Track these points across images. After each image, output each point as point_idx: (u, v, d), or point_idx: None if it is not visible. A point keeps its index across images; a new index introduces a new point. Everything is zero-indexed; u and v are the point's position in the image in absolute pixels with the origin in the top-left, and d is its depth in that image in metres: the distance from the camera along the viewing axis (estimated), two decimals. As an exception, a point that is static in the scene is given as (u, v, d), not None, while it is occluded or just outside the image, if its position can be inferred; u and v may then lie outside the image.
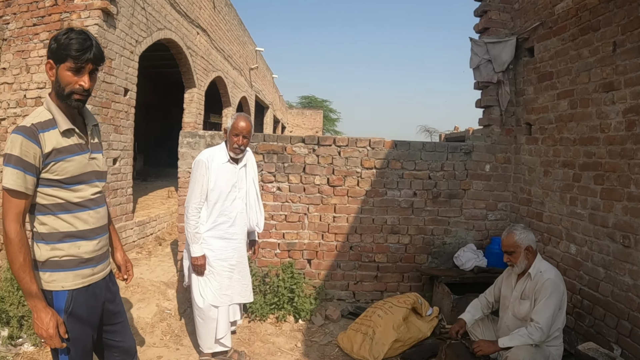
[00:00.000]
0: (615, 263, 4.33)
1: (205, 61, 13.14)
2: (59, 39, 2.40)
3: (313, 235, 6.03)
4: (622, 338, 4.16)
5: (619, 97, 4.33)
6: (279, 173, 5.89)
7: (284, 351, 4.90)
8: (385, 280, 6.13)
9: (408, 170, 6.04)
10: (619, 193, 4.30)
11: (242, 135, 4.23)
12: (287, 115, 40.19)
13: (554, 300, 3.75)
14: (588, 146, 4.74)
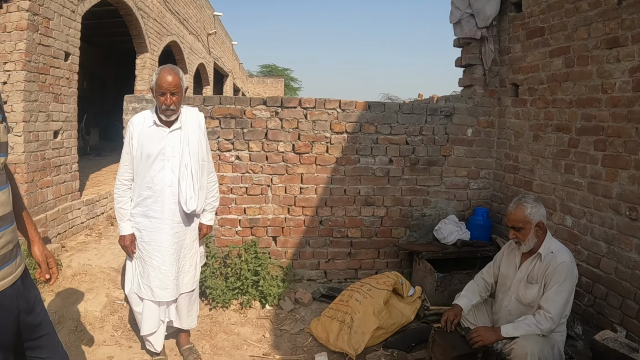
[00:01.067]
0: (619, 237, 3.81)
1: (159, 24, 12.29)
2: None
3: (278, 209, 5.35)
4: (628, 319, 3.68)
5: (625, 54, 3.77)
6: (237, 140, 5.14)
7: (251, 343, 4.24)
8: (360, 257, 5.53)
9: (383, 135, 5.39)
10: (624, 160, 3.76)
11: (169, 92, 3.34)
12: (247, 84, 39.25)
13: (568, 286, 3.16)
14: (587, 108, 4.19)
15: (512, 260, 3.57)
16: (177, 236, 3.60)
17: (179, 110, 3.51)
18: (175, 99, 3.38)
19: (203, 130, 3.74)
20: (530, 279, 3.35)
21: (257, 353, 4.10)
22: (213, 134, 5.06)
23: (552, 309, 3.11)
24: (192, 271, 3.79)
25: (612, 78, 3.90)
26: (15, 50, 5.50)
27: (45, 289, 4.70)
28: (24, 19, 5.49)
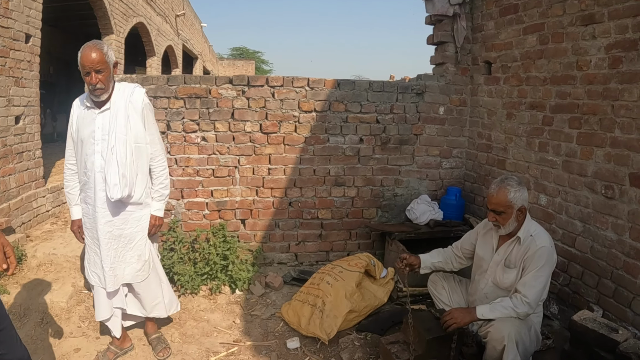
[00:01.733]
0: (595, 216, 3.76)
1: (125, 5, 11.95)
2: None
3: (246, 191, 5.18)
4: (604, 298, 3.64)
5: (601, 30, 3.70)
6: (203, 120, 4.94)
7: (221, 330, 4.10)
8: (331, 239, 5.42)
9: (353, 113, 5.25)
10: (600, 138, 3.70)
11: (93, 70, 3.07)
12: (217, 67, 38.95)
13: (546, 271, 3.06)
14: (562, 86, 4.12)
15: (489, 241, 3.45)
16: (112, 225, 3.36)
17: (109, 88, 3.24)
18: (101, 77, 3.11)
19: (139, 107, 3.37)
20: (508, 263, 3.23)
21: (227, 340, 3.95)
22: (178, 114, 4.85)
23: (530, 293, 3.00)
24: (135, 263, 3.51)
25: (587, 55, 3.83)
26: None
27: (10, 281, 4.50)
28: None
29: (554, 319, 4.06)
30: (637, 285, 3.34)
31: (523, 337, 3.02)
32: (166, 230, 4.92)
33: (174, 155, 4.92)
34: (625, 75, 3.45)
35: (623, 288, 3.47)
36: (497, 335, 2.98)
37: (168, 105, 4.84)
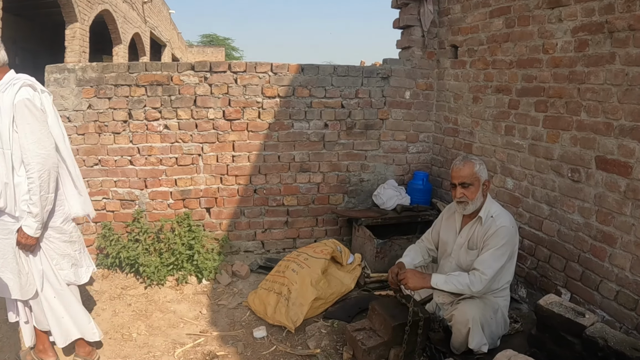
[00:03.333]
0: (561, 199, 3.77)
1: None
2: None
3: (210, 179, 5.05)
4: (572, 282, 3.66)
5: (567, 13, 3.70)
6: (165, 108, 4.76)
7: (187, 321, 3.97)
8: (297, 225, 5.35)
9: (317, 99, 5.16)
10: (566, 121, 3.70)
11: None
12: (186, 54, 38.35)
13: (506, 251, 3.04)
14: (528, 69, 4.11)
15: (452, 225, 3.41)
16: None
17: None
18: None
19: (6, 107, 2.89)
20: (472, 245, 3.20)
21: (194, 331, 3.83)
22: (139, 102, 4.66)
23: (488, 271, 2.97)
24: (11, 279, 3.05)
25: (553, 38, 3.81)
26: None
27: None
28: None
29: (522, 303, 4.05)
30: (604, 269, 3.35)
31: (488, 319, 2.99)
32: (130, 221, 4.78)
33: (137, 145, 4.74)
34: (592, 58, 3.44)
35: (590, 271, 3.48)
36: (461, 319, 2.96)
37: (129, 93, 4.65)
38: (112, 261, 4.66)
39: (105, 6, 13.14)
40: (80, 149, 4.67)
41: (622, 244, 3.21)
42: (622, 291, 3.19)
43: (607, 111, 3.29)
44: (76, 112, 4.64)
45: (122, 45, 15.71)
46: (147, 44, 20.28)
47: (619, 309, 3.21)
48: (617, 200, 3.22)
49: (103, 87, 4.64)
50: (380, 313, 3.21)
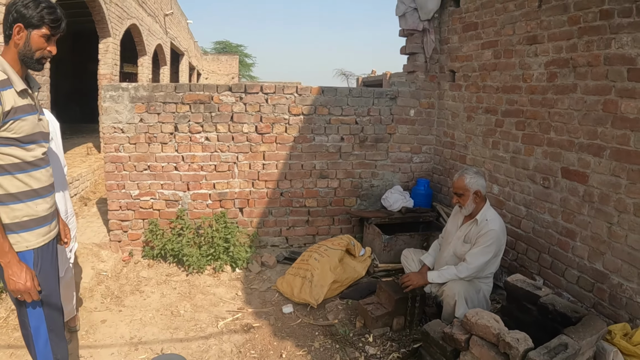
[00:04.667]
0: (535, 202, 4.47)
1: (120, 8, 12.27)
2: (32, 6, 2.37)
3: (243, 183, 5.80)
4: (544, 270, 4.37)
5: (542, 50, 4.38)
6: (206, 123, 5.54)
7: (226, 301, 4.75)
8: (317, 224, 6.07)
9: (335, 116, 5.89)
10: (539, 138, 4.40)
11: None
12: (202, 62, 38.87)
13: (492, 248, 3.80)
14: (510, 94, 4.79)
15: (456, 220, 4.19)
16: None
17: None
18: None
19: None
20: (467, 239, 3.97)
21: (232, 308, 4.60)
22: (184, 117, 5.46)
23: (474, 263, 3.76)
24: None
25: (530, 70, 4.49)
26: None
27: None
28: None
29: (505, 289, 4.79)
30: (568, 258, 4.05)
31: (472, 296, 3.76)
32: (174, 218, 5.58)
33: (181, 153, 5.53)
34: (559, 87, 4.13)
35: (558, 261, 4.18)
36: (449, 293, 3.74)
37: (176, 109, 5.44)
38: (158, 252, 5.45)
39: (133, 21, 13.72)
40: (132, 156, 5.47)
41: (581, 238, 3.92)
42: (582, 276, 3.90)
43: (570, 131, 4.00)
44: (129, 124, 5.42)
45: (147, 57, 16.28)
46: (167, 53, 20.79)
47: (580, 291, 3.92)
48: (577, 202, 3.94)
49: (153, 104, 5.41)
50: (385, 290, 4.05)
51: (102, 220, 6.34)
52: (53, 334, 2.64)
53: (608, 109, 3.63)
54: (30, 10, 2.35)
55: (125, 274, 5.27)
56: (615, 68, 3.58)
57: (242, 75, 51.39)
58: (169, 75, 21.44)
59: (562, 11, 4.09)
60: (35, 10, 2.36)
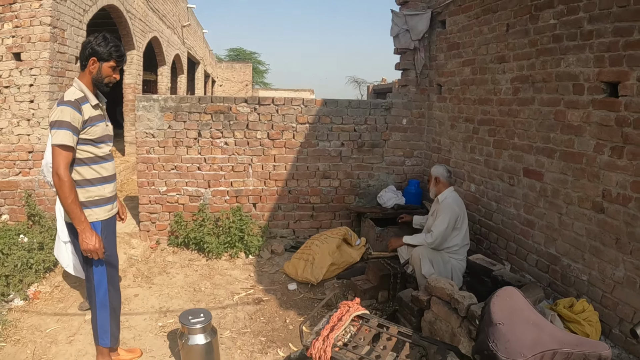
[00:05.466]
0: (503, 198, 5.21)
1: (143, 23, 13.10)
2: (103, 44, 3.25)
3: (257, 182, 6.62)
4: (510, 256, 5.09)
5: (508, 68, 5.10)
6: (225, 130, 6.40)
7: (240, 280, 5.59)
8: (320, 218, 6.87)
9: (336, 124, 6.69)
10: (506, 143, 5.15)
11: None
12: (216, 70, 39.51)
13: (447, 217, 4.62)
14: (484, 105, 5.53)
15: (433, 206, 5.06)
16: None
17: None
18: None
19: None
20: (433, 215, 4.85)
21: (245, 286, 5.44)
22: (206, 125, 6.33)
23: (436, 230, 4.62)
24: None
25: (500, 85, 5.23)
26: (39, 58, 6.49)
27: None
28: (47, 32, 6.50)
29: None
30: (529, 245, 4.78)
31: (437, 260, 4.58)
32: (196, 211, 6.43)
33: (203, 155, 6.40)
34: (521, 100, 4.87)
35: (521, 247, 4.91)
36: (415, 255, 4.62)
37: (199, 118, 6.31)
38: (182, 240, 6.32)
39: (154, 34, 14.53)
40: (161, 158, 6.35)
41: (538, 227, 4.66)
42: (540, 260, 4.63)
43: (529, 137, 4.76)
44: (159, 130, 6.30)
45: (166, 66, 17.09)
46: (184, 63, 21.53)
47: (538, 273, 4.65)
48: (535, 197, 4.69)
49: (180, 113, 6.29)
50: (372, 268, 4.89)
51: (131, 214, 7.15)
52: (111, 287, 3.51)
53: (558, 118, 4.38)
54: (102, 47, 3.23)
55: (153, 259, 6.12)
56: (563, 83, 4.32)
57: (255, 82, 51.64)
58: (185, 83, 22.16)
59: (524, 35, 4.83)
60: (105, 48, 3.23)
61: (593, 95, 4.00)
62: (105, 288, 3.47)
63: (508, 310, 1.81)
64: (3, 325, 4.32)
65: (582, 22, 4.09)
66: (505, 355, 1.63)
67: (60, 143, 3.07)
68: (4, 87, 6.64)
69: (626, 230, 3.69)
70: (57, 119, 3.09)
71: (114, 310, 3.62)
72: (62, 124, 3.08)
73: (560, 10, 4.35)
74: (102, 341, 3.56)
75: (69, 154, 3.14)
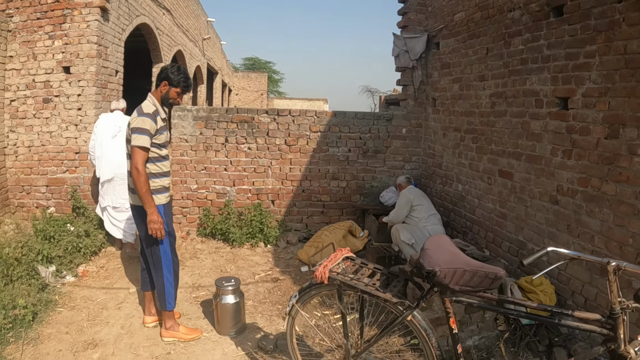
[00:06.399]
0: (483, 195, 6.10)
1: (169, 38, 14.07)
2: (175, 73, 4.25)
3: (275, 182, 7.67)
4: (489, 244, 5.96)
5: (487, 85, 5.97)
6: (249, 137, 7.48)
7: (260, 264, 6.62)
8: (329, 214, 7.86)
9: (344, 133, 7.70)
10: (486, 149, 6.03)
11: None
12: (233, 79, 40.42)
13: (400, 201, 6.19)
14: (469, 117, 6.42)
15: None
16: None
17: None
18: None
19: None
20: None
21: (264, 269, 6.46)
22: (233, 132, 7.41)
23: (392, 213, 6.04)
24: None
25: (481, 99, 6.13)
26: (87, 71, 7.51)
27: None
28: (94, 49, 7.52)
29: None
30: (503, 234, 5.67)
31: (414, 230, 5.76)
32: (222, 206, 7.49)
33: (230, 158, 7.48)
34: (497, 112, 5.78)
35: (497, 236, 5.78)
36: (393, 230, 5.89)
37: (227, 126, 7.40)
38: (209, 231, 7.37)
39: (179, 47, 15.59)
40: (192, 160, 7.43)
41: (510, 218, 5.54)
42: (512, 246, 5.51)
43: (503, 143, 5.67)
44: (192, 136, 7.39)
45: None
46: (204, 73, 22.57)
47: (511, 257, 5.51)
48: (507, 193, 5.60)
49: (210, 122, 7.39)
50: (371, 252, 5.93)
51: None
52: (173, 255, 4.50)
53: (524, 127, 5.27)
54: (174, 75, 4.22)
55: (185, 247, 7.17)
56: (528, 99, 5.20)
57: (270, 91, 52.10)
58: (205, 92, 23.20)
59: (499, 58, 5.75)
60: (176, 77, 4.22)
61: (550, 108, 4.89)
62: (169, 256, 4.45)
63: (436, 244, 2.86)
64: (59, 296, 5.34)
65: (542, 48, 5.00)
66: (428, 265, 2.65)
67: (141, 145, 4.05)
68: (54, 96, 7.63)
69: (574, 217, 4.55)
70: (140, 127, 4.09)
71: (176, 275, 4.60)
72: (143, 130, 4.05)
73: (526, 38, 5.27)
74: (169, 305, 4.51)
75: (146, 154, 4.14)
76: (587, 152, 4.40)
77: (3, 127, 7.73)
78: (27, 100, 7.72)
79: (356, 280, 3.07)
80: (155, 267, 4.46)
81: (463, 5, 6.66)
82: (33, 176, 7.81)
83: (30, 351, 4.22)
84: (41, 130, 7.73)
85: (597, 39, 4.27)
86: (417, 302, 2.89)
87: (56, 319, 4.86)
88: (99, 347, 4.36)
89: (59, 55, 7.60)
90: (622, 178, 3.99)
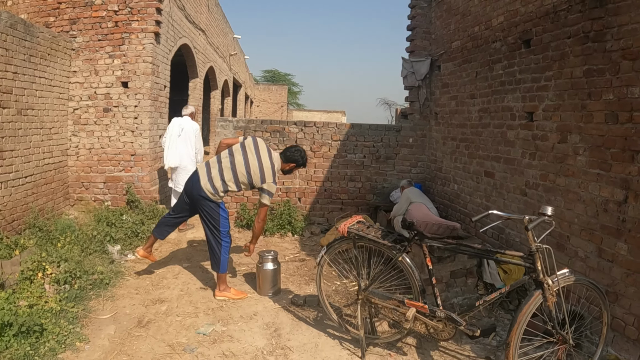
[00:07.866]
0: (473, 192, 7.48)
1: (203, 55, 15.58)
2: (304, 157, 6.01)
3: (302, 182, 9.11)
4: (478, 232, 7.27)
5: (476, 102, 7.30)
6: (280, 144, 8.95)
7: (289, 249, 8.09)
8: (347, 210, 9.22)
9: (360, 142, 9.12)
10: (475, 154, 7.42)
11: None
12: (254, 91, 41.80)
13: (401, 200, 7.13)
14: (462, 128, 7.81)
15: None
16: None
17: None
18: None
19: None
20: None
21: (293, 252, 7.92)
22: (267, 140, 8.92)
23: (395, 206, 7.23)
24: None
25: (471, 114, 7.53)
26: (143, 87, 8.96)
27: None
28: (149, 68, 8.96)
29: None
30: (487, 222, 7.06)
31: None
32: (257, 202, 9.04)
33: (263, 162, 9.05)
34: (483, 124, 7.16)
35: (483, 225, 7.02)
36: (395, 221, 6.95)
37: (262, 135, 8.90)
38: (245, 223, 8.85)
39: (211, 64, 17.21)
40: (232, 165, 9.01)
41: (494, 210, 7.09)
42: (494, 232, 6.82)
43: (487, 149, 7.03)
44: (231, 145, 8.99)
45: (217, 91, 19.76)
46: (230, 86, 24.27)
47: (494, 241, 6.84)
48: (490, 189, 6.96)
49: (247, 131, 8.88)
50: (380, 236, 7.46)
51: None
52: (229, 240, 5.96)
53: (503, 136, 6.62)
54: (303, 160, 5.89)
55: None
56: (505, 113, 6.52)
57: (289, 102, 53.06)
58: (231, 104, 24.76)
59: (485, 80, 7.13)
60: (301, 160, 5.86)
61: (520, 120, 6.20)
62: (228, 244, 5.87)
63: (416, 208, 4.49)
64: (125, 269, 6.78)
65: (516, 73, 6.32)
66: (409, 218, 4.22)
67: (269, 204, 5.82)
68: (113, 106, 9.03)
69: (537, 205, 5.76)
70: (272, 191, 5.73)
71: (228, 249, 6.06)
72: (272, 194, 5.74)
73: (505, 64, 6.62)
74: (223, 269, 5.81)
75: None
76: (546, 154, 5.53)
77: (67, 131, 9.09)
78: (89, 109, 9.09)
79: (365, 233, 4.57)
80: (217, 243, 5.83)
81: (459, 35, 8.10)
82: (92, 174, 9.20)
83: (109, 305, 5.47)
84: (101, 135, 9.13)
85: (553, 67, 5.45)
86: (405, 247, 4.36)
87: (125, 284, 6.13)
88: (165, 303, 5.71)
89: (118, 72, 9.03)
90: (569, 173, 5.13)
